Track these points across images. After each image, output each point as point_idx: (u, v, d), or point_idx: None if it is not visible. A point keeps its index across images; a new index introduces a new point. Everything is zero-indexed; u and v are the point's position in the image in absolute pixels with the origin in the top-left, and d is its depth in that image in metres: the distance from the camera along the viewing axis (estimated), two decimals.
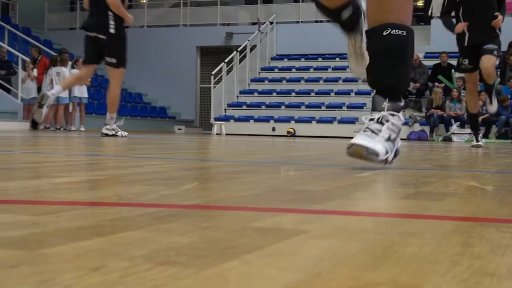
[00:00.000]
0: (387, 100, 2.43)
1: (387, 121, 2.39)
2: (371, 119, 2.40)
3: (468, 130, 14.34)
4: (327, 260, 0.72)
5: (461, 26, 7.23)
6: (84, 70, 8.28)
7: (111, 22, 7.72)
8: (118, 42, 7.84)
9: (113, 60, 7.83)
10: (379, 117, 2.39)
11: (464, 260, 0.73)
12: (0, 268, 0.62)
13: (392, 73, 2.48)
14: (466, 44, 7.26)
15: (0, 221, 0.93)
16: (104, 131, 8.02)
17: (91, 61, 8.03)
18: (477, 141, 7.57)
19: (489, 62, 7.11)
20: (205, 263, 0.67)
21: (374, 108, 2.44)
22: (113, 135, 7.91)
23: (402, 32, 2.46)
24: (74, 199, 1.30)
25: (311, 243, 0.82)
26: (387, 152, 2.33)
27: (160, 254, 0.71)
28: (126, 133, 8.15)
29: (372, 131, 2.36)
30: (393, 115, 2.40)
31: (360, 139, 2.31)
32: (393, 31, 2.45)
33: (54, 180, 1.69)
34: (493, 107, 7.69)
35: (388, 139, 2.36)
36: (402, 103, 2.49)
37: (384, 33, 2.46)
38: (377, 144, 2.30)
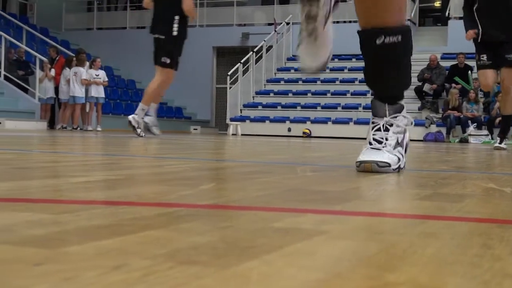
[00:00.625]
0: (386, 105, 2.32)
1: (391, 125, 2.30)
2: (375, 128, 2.30)
3: (485, 132, 14.27)
4: (346, 260, 0.72)
5: (470, 35, 7.00)
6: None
7: (175, 25, 7.94)
8: (176, 44, 8.07)
9: (167, 61, 8.07)
10: (383, 124, 2.29)
11: (484, 261, 0.73)
12: (25, 266, 0.63)
13: (388, 83, 2.35)
14: (479, 40, 6.99)
15: (23, 219, 0.94)
16: (130, 118, 8.05)
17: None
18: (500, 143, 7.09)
19: (509, 79, 6.89)
20: (226, 263, 0.68)
21: (375, 114, 2.33)
22: (134, 127, 7.91)
23: (396, 39, 2.24)
24: (92, 198, 1.31)
25: (330, 243, 0.83)
26: (399, 160, 2.27)
27: (181, 253, 0.72)
28: (144, 134, 8.19)
29: (378, 142, 2.27)
30: (396, 117, 2.31)
31: (368, 155, 2.23)
32: (387, 39, 2.24)
33: (73, 180, 1.71)
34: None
35: (396, 143, 2.28)
36: (403, 102, 2.37)
37: (378, 42, 2.25)
38: (386, 155, 2.22)
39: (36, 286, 0.55)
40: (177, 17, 7.94)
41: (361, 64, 18.11)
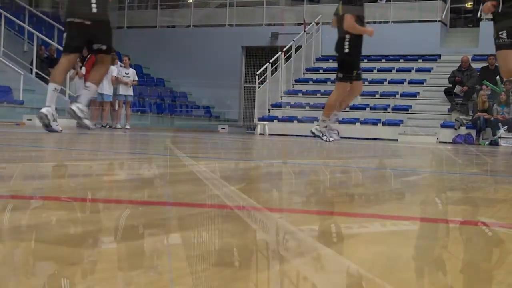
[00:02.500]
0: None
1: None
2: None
3: None
4: (381, 264, 0.72)
5: (487, 7, 5.76)
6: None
7: (346, 43, 8.54)
8: (346, 60, 8.64)
9: (340, 75, 8.68)
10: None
11: None
12: (61, 266, 0.64)
13: None
14: (500, 10, 5.72)
15: (58, 218, 0.94)
16: (313, 129, 8.58)
17: None
18: None
19: None
20: (260, 265, 0.68)
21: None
22: (318, 136, 8.39)
23: None
24: (124, 197, 1.31)
25: (364, 247, 0.82)
26: None
27: (214, 255, 0.72)
28: (332, 138, 8.58)
29: None
30: None
31: None
32: None
33: (104, 178, 1.72)
34: None
35: None
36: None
37: None
38: None
39: (73, 286, 0.56)
40: (347, 36, 8.53)
41: (391, 65, 17.99)
